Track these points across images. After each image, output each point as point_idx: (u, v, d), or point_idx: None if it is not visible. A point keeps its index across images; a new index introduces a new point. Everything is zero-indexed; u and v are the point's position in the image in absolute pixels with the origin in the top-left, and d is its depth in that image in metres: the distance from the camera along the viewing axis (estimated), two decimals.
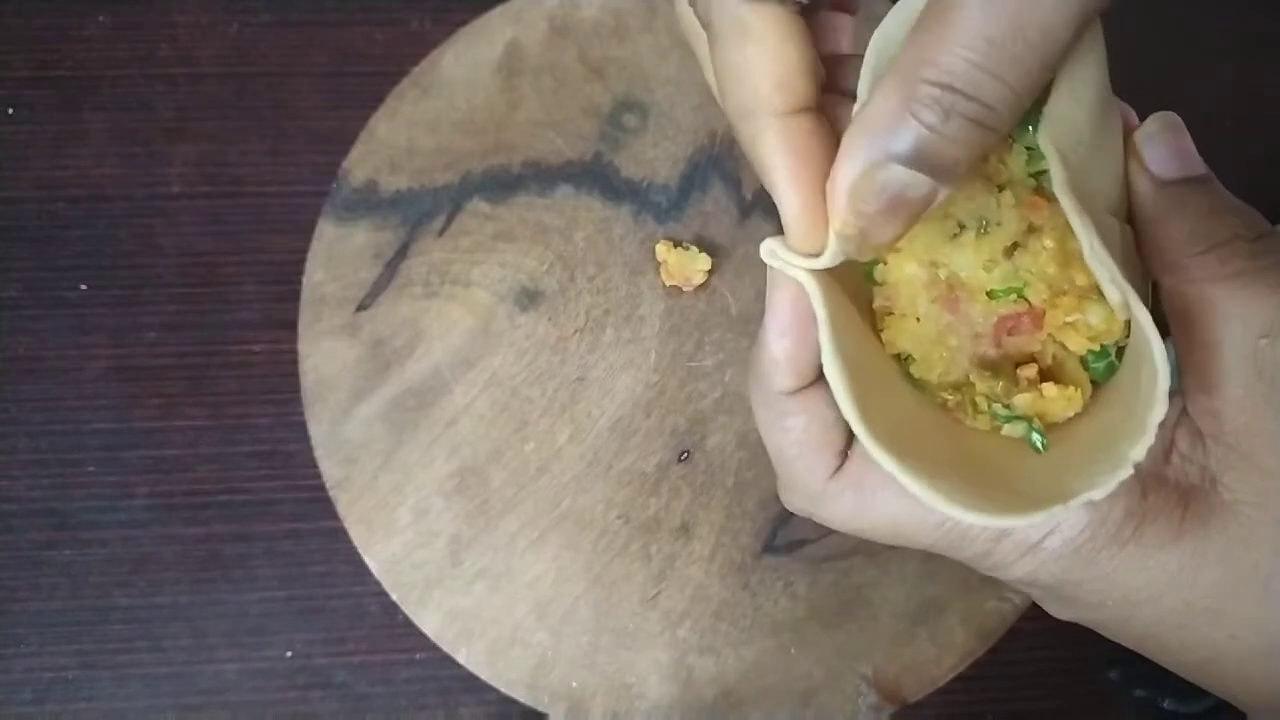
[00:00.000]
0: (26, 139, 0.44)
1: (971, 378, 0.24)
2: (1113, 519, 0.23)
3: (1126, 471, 0.20)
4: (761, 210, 0.43)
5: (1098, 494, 0.20)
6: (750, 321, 0.43)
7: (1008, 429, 0.24)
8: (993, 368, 0.24)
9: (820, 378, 0.24)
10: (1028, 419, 0.23)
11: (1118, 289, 0.20)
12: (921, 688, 0.41)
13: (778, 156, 0.21)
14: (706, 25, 0.22)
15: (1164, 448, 0.24)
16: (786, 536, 0.41)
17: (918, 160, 0.19)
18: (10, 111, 0.44)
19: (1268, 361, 0.21)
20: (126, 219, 0.44)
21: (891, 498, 0.24)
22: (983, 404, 0.24)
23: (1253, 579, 0.23)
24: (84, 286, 0.43)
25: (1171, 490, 0.23)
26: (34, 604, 0.41)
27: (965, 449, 0.23)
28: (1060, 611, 0.26)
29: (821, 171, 0.21)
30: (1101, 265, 0.20)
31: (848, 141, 0.20)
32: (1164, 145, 0.23)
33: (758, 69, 0.21)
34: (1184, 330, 0.23)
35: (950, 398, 0.24)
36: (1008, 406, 0.23)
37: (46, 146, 0.44)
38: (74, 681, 0.41)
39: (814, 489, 0.25)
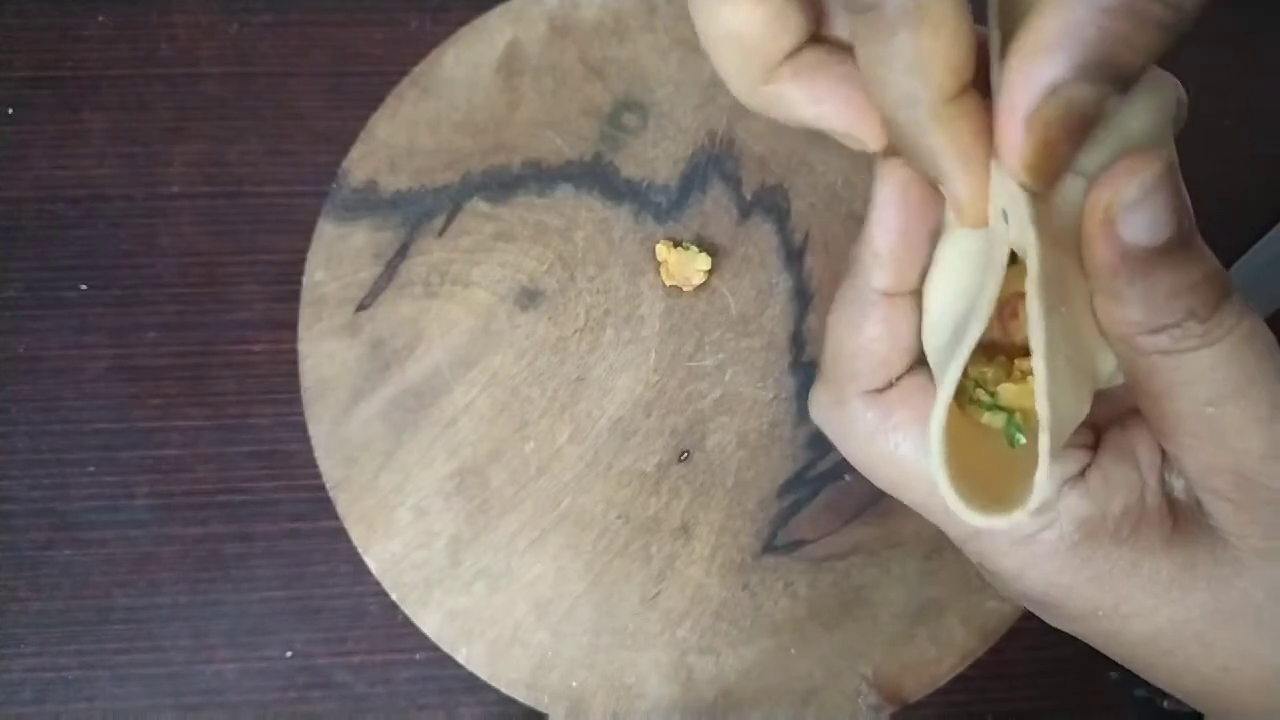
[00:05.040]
0: (26, 139, 0.44)
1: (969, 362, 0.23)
2: (1111, 515, 0.23)
3: (1025, 511, 0.20)
4: (761, 210, 0.43)
5: (1018, 514, 0.20)
6: (750, 321, 0.43)
7: (987, 418, 0.23)
8: (995, 354, 0.23)
9: (915, 293, 0.23)
10: (1009, 411, 0.23)
11: (1045, 407, 0.20)
12: (922, 688, 0.41)
13: (955, 142, 0.20)
14: (870, 7, 0.19)
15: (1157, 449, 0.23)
16: (786, 536, 0.41)
17: (1101, 71, 0.18)
18: (10, 111, 0.44)
19: (1215, 427, 0.21)
20: (126, 219, 0.44)
21: (907, 441, 0.24)
22: (971, 388, 0.23)
23: (1243, 609, 0.22)
24: (84, 286, 0.43)
25: (1166, 499, 0.23)
26: (34, 604, 0.41)
27: (976, 433, 0.23)
28: (1053, 618, 0.25)
29: (987, 145, 0.20)
30: (1040, 391, 0.20)
31: (1022, 65, 0.19)
32: (1148, 212, 0.20)
33: (938, 57, 0.19)
34: (1132, 378, 0.22)
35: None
36: (992, 395, 0.23)
37: (46, 146, 0.44)
38: (74, 681, 0.41)
39: (846, 395, 0.25)
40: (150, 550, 0.42)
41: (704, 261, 0.42)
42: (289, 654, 0.42)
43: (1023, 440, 0.22)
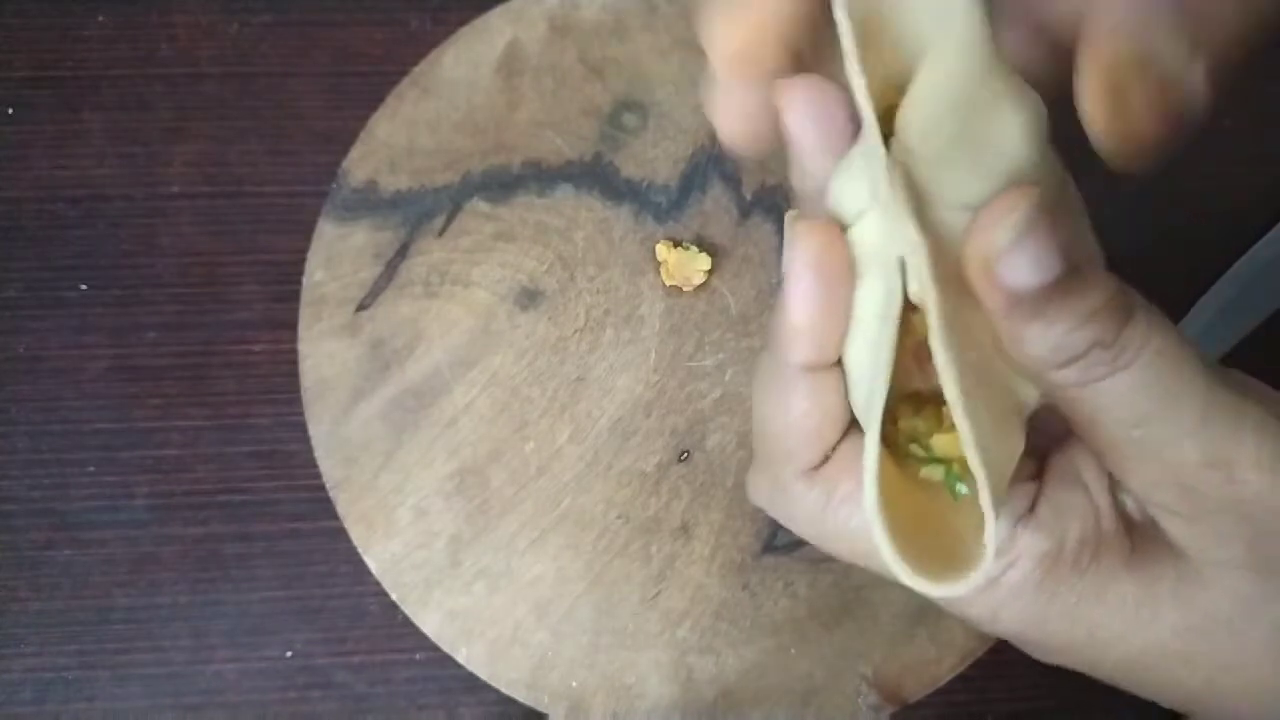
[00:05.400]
0: (26, 139, 0.44)
1: (897, 414, 0.22)
2: (1069, 546, 0.22)
3: (979, 573, 0.19)
4: (761, 210, 0.43)
5: (973, 577, 0.19)
6: (750, 321, 0.43)
7: (925, 472, 0.22)
8: (923, 405, 0.22)
9: (836, 364, 0.22)
10: (946, 462, 0.22)
11: (977, 462, 0.19)
12: (922, 688, 0.41)
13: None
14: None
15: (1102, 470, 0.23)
16: (786, 536, 0.41)
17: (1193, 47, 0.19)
18: (10, 111, 0.44)
19: (1147, 447, 0.21)
20: (126, 219, 0.44)
21: (856, 514, 0.23)
22: (904, 443, 0.22)
23: (1214, 623, 0.22)
24: (84, 286, 0.43)
25: (1120, 518, 0.23)
26: (34, 604, 0.41)
27: (918, 489, 0.22)
28: (1035, 654, 0.25)
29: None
30: (968, 446, 0.19)
31: (1118, 26, 0.20)
32: (1027, 253, 0.19)
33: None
34: (1056, 408, 0.22)
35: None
36: (926, 449, 0.22)
37: (46, 146, 0.44)
38: (74, 681, 0.41)
39: (785, 478, 0.24)
40: (150, 550, 0.42)
41: (704, 261, 0.42)
42: (289, 654, 0.42)
43: (964, 490, 0.21)
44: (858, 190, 0.21)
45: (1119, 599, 0.22)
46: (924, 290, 0.19)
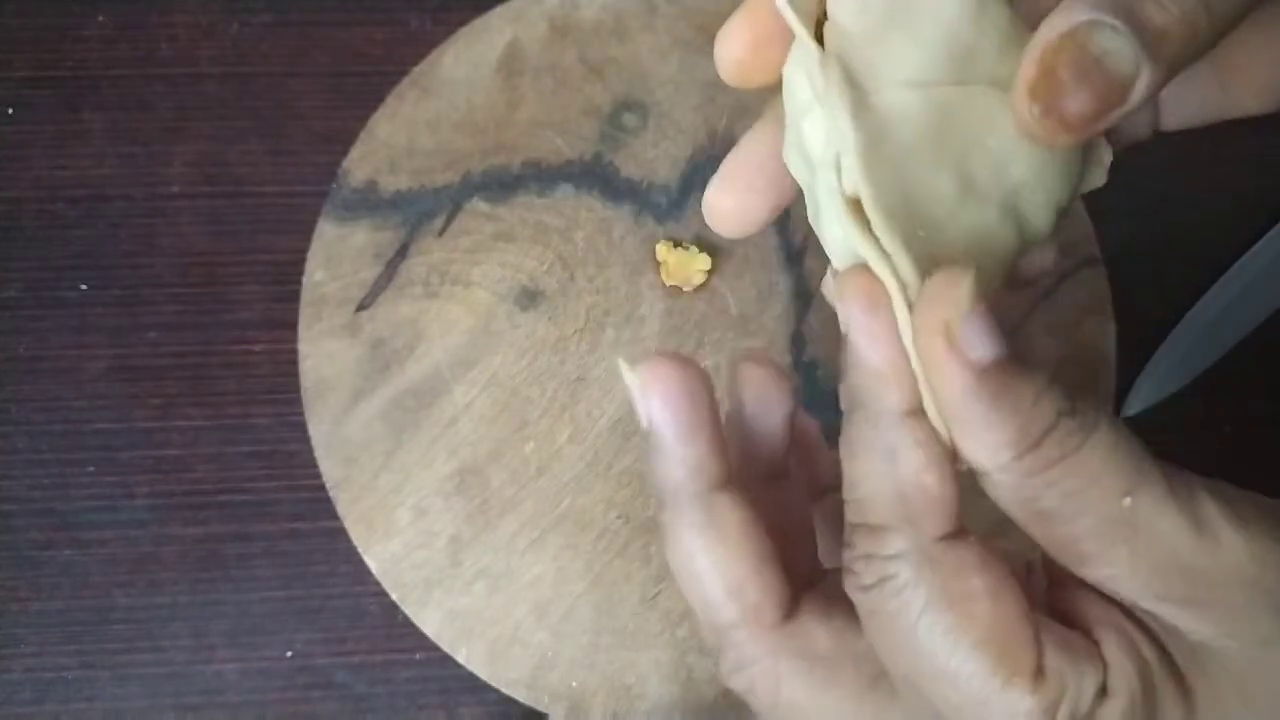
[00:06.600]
0: (26, 139, 0.44)
1: None
2: (1138, 703, 0.19)
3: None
4: None
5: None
6: (750, 321, 0.43)
7: None
8: None
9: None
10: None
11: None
12: None
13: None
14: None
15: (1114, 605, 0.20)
16: None
17: (1128, 23, 0.18)
18: (10, 111, 0.44)
19: (1140, 521, 0.19)
20: (126, 219, 0.44)
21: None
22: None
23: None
24: (84, 286, 0.43)
25: (1160, 653, 0.20)
26: (34, 604, 0.41)
27: None
28: None
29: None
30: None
31: (1057, 10, 0.19)
32: (983, 322, 0.18)
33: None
34: (1027, 515, 0.19)
35: None
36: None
37: (46, 146, 0.44)
38: (74, 681, 0.41)
39: (919, 552, 0.20)
40: (150, 550, 0.42)
41: (704, 262, 0.42)
42: (289, 654, 0.42)
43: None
44: (805, 83, 0.21)
45: None
46: (857, 185, 0.19)
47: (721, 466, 0.21)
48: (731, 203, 0.25)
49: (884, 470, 0.19)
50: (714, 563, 0.21)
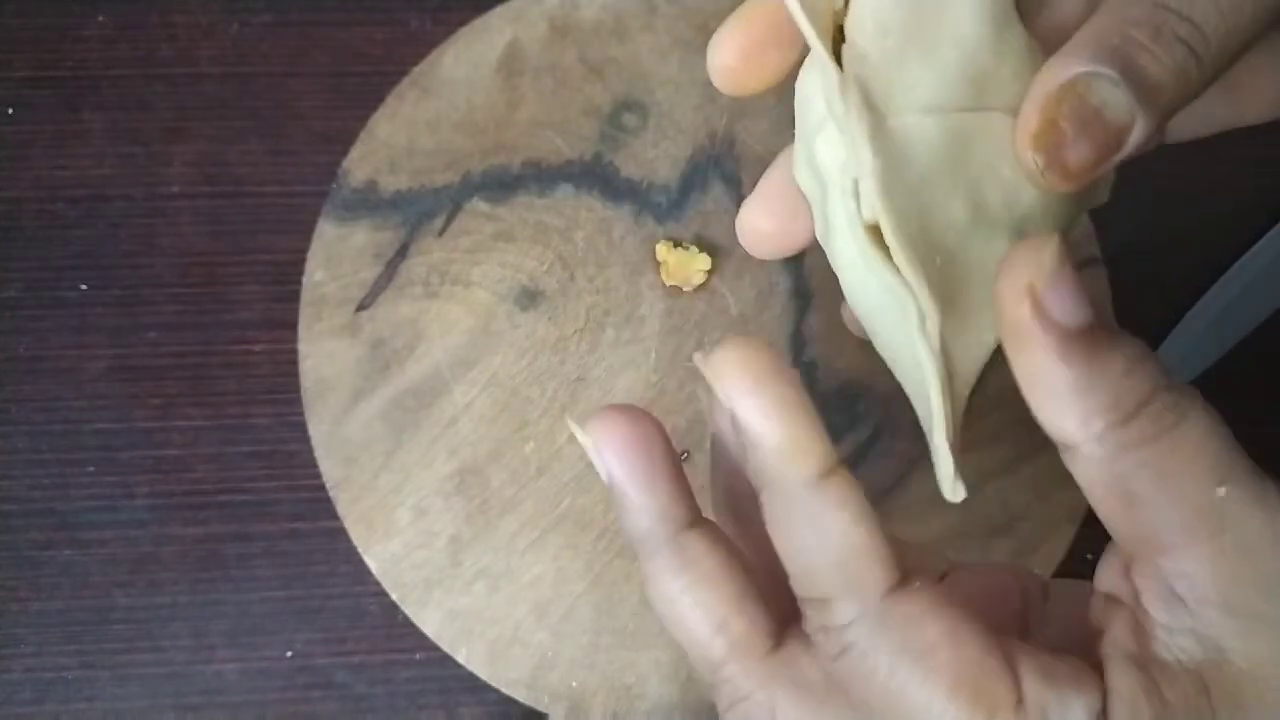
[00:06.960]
0: (26, 139, 0.44)
1: None
2: None
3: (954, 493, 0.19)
4: None
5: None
6: (750, 321, 0.43)
7: None
8: None
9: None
10: None
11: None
12: None
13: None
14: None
15: (1132, 628, 0.19)
16: None
17: (1117, 66, 0.19)
18: (10, 111, 0.44)
19: (1232, 518, 0.18)
20: (126, 219, 0.44)
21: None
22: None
23: None
24: (84, 286, 0.43)
25: (1182, 674, 0.18)
26: (34, 604, 0.41)
27: None
28: None
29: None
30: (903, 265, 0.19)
31: (1055, 58, 0.20)
32: (1069, 286, 0.17)
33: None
34: (1112, 495, 0.18)
35: None
36: None
37: (46, 146, 0.44)
38: (74, 681, 0.41)
39: (871, 611, 0.19)
40: (150, 550, 0.42)
41: (704, 261, 0.42)
42: (289, 654, 0.42)
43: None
44: (820, 100, 0.21)
45: None
46: (877, 213, 0.19)
47: (686, 507, 0.22)
48: (772, 226, 0.25)
49: (813, 542, 0.19)
50: (695, 602, 0.21)
